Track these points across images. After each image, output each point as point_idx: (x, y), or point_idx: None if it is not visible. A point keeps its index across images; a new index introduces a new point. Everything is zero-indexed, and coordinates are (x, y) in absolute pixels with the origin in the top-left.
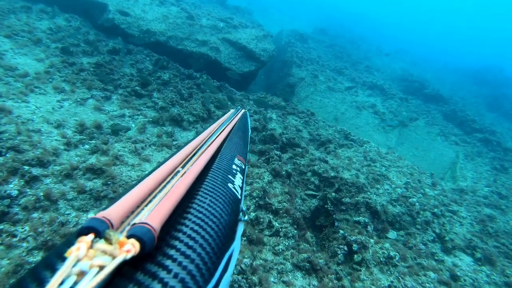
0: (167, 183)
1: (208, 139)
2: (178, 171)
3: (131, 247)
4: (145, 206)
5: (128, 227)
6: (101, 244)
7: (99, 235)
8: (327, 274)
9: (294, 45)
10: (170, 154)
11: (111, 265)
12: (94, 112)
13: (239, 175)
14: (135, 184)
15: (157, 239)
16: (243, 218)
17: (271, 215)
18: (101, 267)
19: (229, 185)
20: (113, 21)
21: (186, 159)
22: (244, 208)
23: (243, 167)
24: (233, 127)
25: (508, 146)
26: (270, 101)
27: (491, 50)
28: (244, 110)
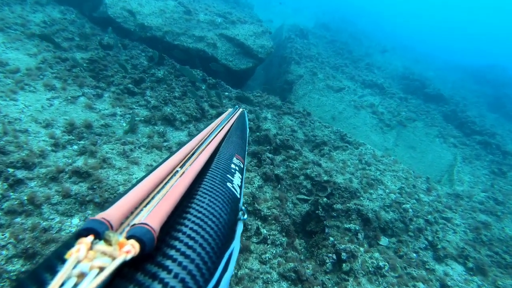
0: (166, 183)
1: (206, 138)
2: (177, 171)
3: (131, 248)
4: (144, 206)
5: (128, 228)
6: (101, 246)
7: (99, 236)
8: (313, 285)
9: (293, 41)
10: (168, 154)
11: (111, 266)
12: (85, 111)
13: (238, 174)
14: (134, 184)
15: (157, 239)
16: (242, 217)
17: (260, 222)
18: (101, 269)
19: (228, 184)
20: (108, 14)
21: (184, 159)
22: (243, 207)
23: (242, 166)
24: (231, 126)
25: (507, 149)
26: (265, 100)
27: (495, 49)
28: (242, 109)
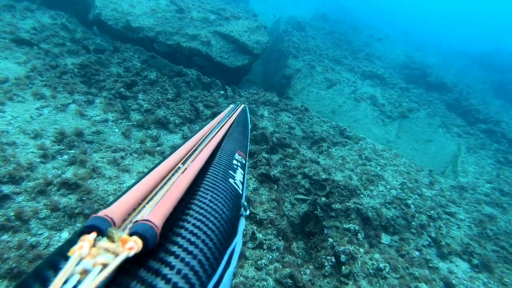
0: (168, 180)
1: (208, 134)
2: (179, 167)
3: (133, 245)
4: (147, 203)
5: (130, 224)
6: (103, 242)
7: (102, 233)
8: None
9: (291, 34)
10: (170, 151)
11: (114, 263)
12: (76, 118)
13: (240, 170)
14: (137, 181)
15: (159, 236)
16: (244, 213)
17: (255, 226)
18: (104, 265)
19: (230, 180)
20: (99, 17)
21: (186, 155)
22: (245, 203)
23: (244, 162)
24: (233, 122)
25: None
26: (262, 97)
27: (500, 33)
28: (243, 105)
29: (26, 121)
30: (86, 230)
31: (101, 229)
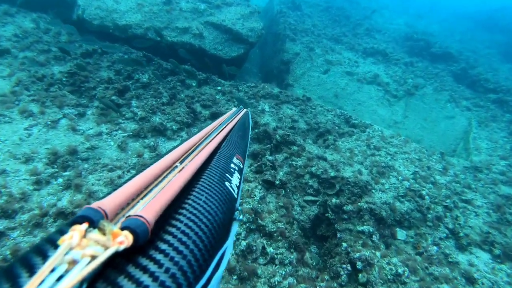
0: (164, 178)
1: (208, 136)
2: (176, 166)
3: (124, 239)
4: (141, 199)
5: (123, 218)
6: (94, 234)
7: (93, 224)
8: None
9: (286, 14)
10: (169, 149)
11: (103, 256)
12: (68, 135)
13: (236, 174)
14: (132, 176)
15: (151, 232)
16: (238, 217)
17: (265, 240)
18: (93, 257)
19: (226, 183)
20: (83, 17)
21: (184, 154)
22: (239, 208)
23: (241, 166)
24: (234, 126)
25: None
26: (261, 90)
27: None
28: (246, 110)
29: (15, 144)
30: (78, 220)
31: (93, 220)
